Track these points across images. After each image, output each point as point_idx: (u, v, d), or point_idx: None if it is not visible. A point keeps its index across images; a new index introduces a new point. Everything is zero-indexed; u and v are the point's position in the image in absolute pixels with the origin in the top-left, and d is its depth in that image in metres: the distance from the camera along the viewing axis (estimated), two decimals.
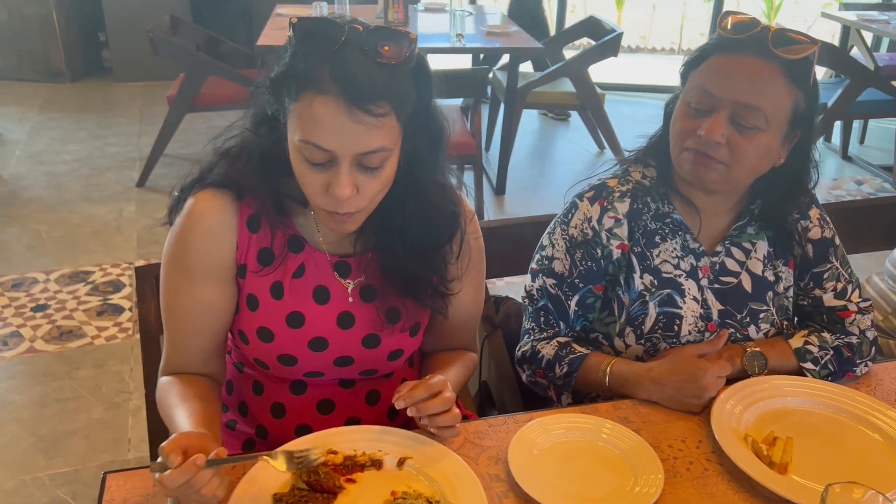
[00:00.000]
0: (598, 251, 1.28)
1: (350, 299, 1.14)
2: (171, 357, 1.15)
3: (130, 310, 2.91)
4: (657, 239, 1.28)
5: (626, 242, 1.28)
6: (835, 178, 4.44)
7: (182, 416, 1.02)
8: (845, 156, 4.76)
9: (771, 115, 1.14)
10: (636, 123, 5.15)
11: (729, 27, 1.17)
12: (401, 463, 1.02)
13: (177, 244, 1.09)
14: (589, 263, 1.29)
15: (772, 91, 1.14)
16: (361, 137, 0.95)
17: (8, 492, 2.05)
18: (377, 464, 1.02)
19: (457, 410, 1.04)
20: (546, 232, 1.35)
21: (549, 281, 1.31)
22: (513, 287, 1.66)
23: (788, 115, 1.17)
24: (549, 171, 4.58)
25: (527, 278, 1.37)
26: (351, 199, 0.98)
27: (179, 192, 1.12)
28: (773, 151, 1.19)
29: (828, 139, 4.96)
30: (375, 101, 0.93)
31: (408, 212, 1.09)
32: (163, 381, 1.14)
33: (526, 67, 4.38)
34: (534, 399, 1.48)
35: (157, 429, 1.34)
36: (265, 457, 0.95)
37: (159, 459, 0.86)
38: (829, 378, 1.24)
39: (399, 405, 1.01)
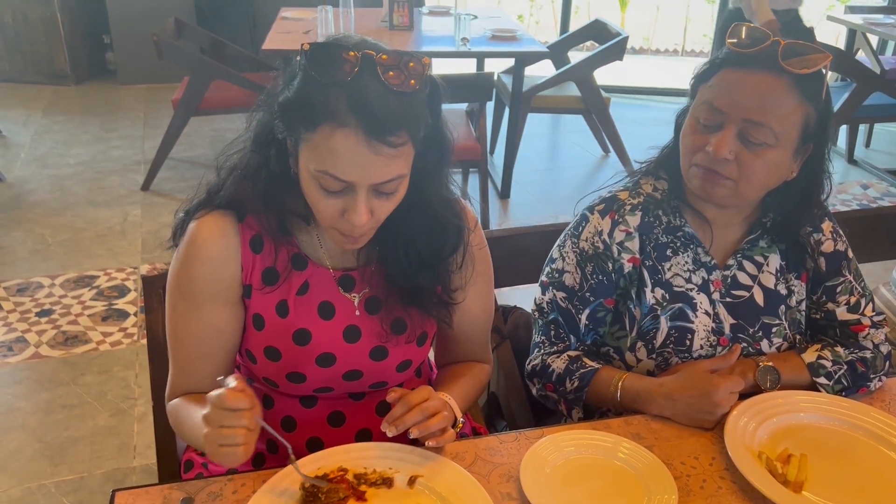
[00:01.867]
0: (609, 265, 1.27)
1: (357, 312, 1.14)
2: (179, 382, 1.14)
3: (135, 315, 2.91)
4: (668, 252, 1.27)
5: (637, 256, 1.27)
6: (840, 182, 4.43)
7: None
8: (851, 159, 4.75)
9: (780, 132, 1.13)
10: (640, 127, 5.14)
11: (738, 41, 1.15)
12: (412, 481, 1.01)
13: (181, 270, 1.08)
14: (600, 277, 1.28)
15: (781, 107, 1.12)
16: (380, 168, 0.95)
17: (14, 499, 2.04)
18: (388, 482, 1.01)
19: (452, 431, 1.05)
20: (556, 244, 1.34)
21: (560, 294, 1.30)
22: (517, 293, 1.65)
23: (799, 131, 1.15)
24: (554, 175, 4.57)
25: (536, 290, 1.36)
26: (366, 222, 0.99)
27: (184, 215, 1.11)
28: (784, 166, 1.18)
29: (833, 143, 4.93)
30: (395, 132, 0.93)
31: (413, 224, 1.09)
32: (173, 402, 1.13)
33: (538, 70, 4.37)
34: (543, 411, 1.47)
35: (165, 439, 1.34)
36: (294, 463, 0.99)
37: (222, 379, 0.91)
38: (843, 393, 1.24)
39: (391, 433, 1.01)
